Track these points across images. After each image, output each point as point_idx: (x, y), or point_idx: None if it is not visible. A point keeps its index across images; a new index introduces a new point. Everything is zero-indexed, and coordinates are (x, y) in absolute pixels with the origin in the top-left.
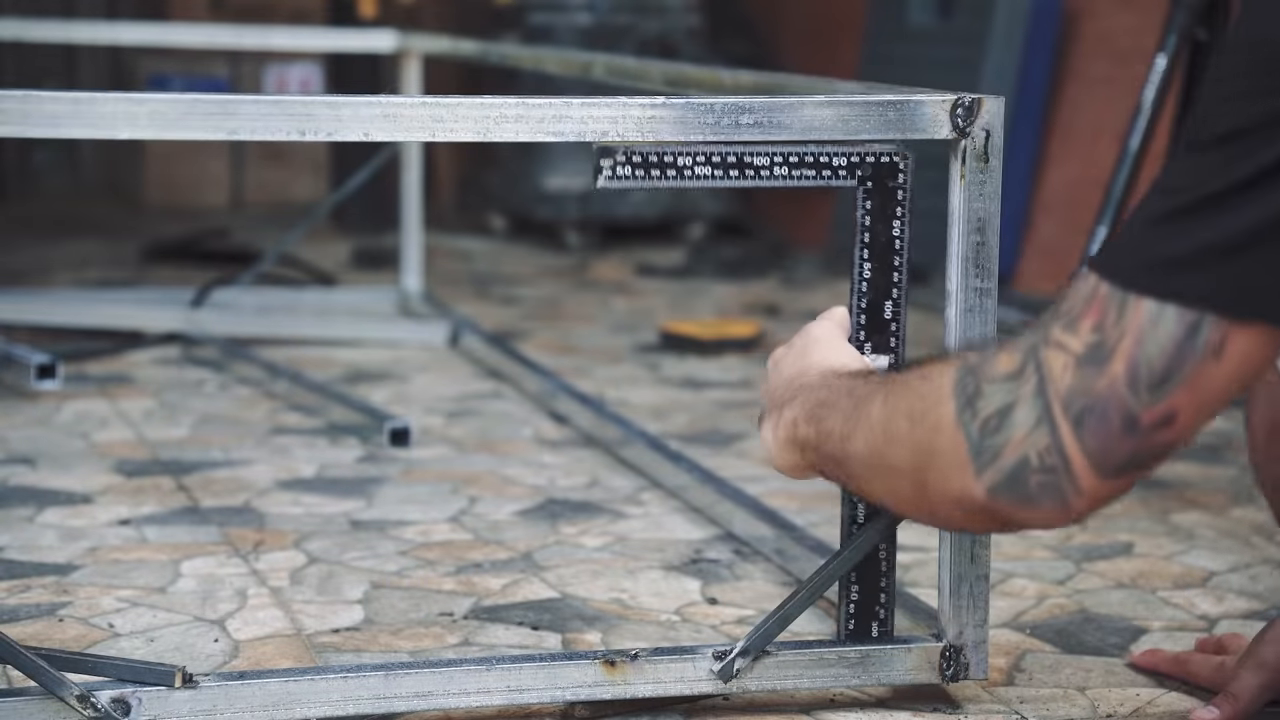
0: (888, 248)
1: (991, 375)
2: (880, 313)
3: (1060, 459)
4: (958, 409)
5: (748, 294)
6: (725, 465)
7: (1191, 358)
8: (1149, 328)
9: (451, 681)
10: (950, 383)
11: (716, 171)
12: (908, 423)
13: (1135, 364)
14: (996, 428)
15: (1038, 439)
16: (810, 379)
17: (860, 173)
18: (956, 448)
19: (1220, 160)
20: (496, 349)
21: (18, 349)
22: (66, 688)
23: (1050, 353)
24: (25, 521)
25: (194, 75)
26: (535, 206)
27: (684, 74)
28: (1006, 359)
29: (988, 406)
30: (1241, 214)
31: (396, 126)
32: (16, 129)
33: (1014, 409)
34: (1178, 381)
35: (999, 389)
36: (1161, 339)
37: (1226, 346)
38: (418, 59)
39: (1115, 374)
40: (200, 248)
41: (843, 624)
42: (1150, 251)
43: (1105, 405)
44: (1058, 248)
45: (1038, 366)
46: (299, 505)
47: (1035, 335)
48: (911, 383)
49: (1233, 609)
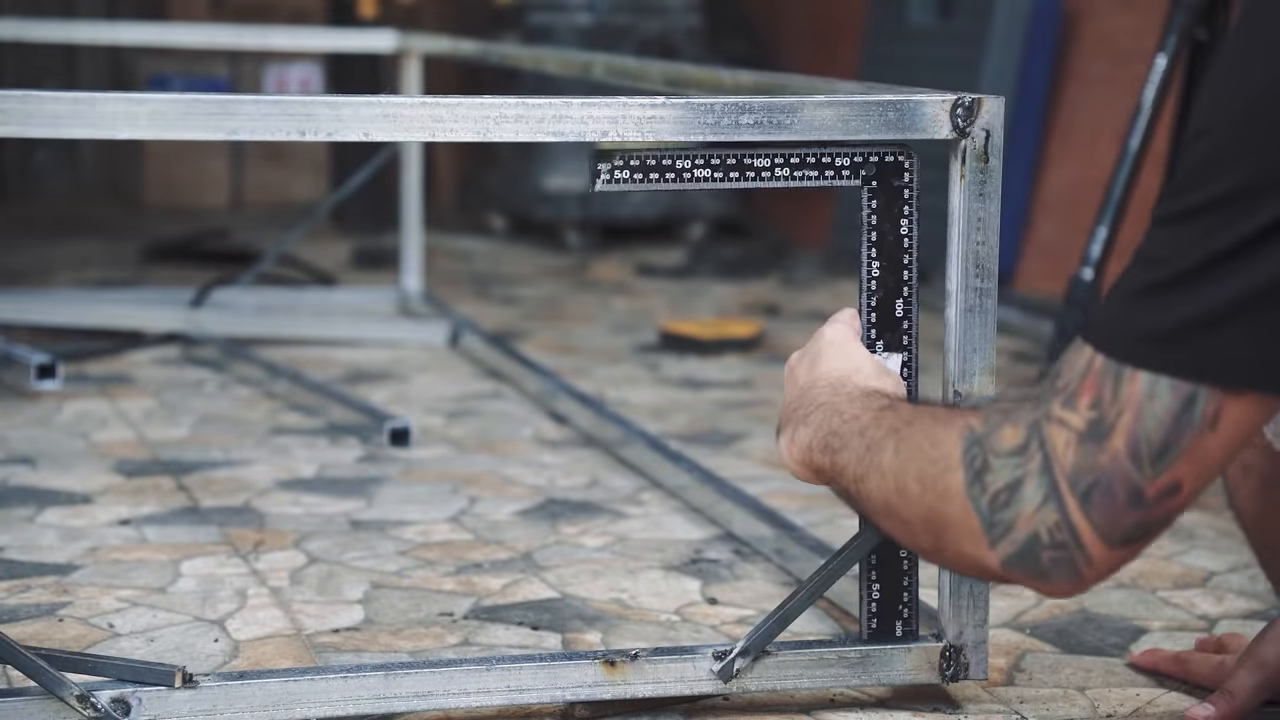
0: (896, 246)
1: (997, 449)
2: (891, 311)
3: (1070, 534)
4: (966, 481)
5: (748, 294)
6: (725, 465)
7: (1189, 430)
8: (1145, 402)
9: (451, 681)
10: (958, 452)
11: (716, 174)
12: (919, 486)
13: (1135, 439)
14: (1006, 503)
15: (1046, 515)
16: (821, 396)
17: (864, 173)
18: (968, 519)
19: (1201, 230)
20: (496, 349)
21: (18, 349)
22: (66, 688)
23: (1053, 429)
24: (25, 521)
25: (194, 75)
26: (535, 206)
27: (684, 74)
28: (1011, 432)
29: (996, 481)
30: (1225, 285)
31: (396, 126)
32: (16, 129)
33: (1022, 485)
34: (1178, 453)
35: (1006, 464)
36: (1159, 413)
37: (1222, 417)
38: (418, 59)
39: (1116, 449)
40: (200, 248)
41: (864, 623)
42: (1140, 324)
43: (1110, 480)
44: (1058, 248)
45: (1041, 443)
46: (299, 505)
47: (1037, 410)
48: (920, 442)
49: (1233, 609)
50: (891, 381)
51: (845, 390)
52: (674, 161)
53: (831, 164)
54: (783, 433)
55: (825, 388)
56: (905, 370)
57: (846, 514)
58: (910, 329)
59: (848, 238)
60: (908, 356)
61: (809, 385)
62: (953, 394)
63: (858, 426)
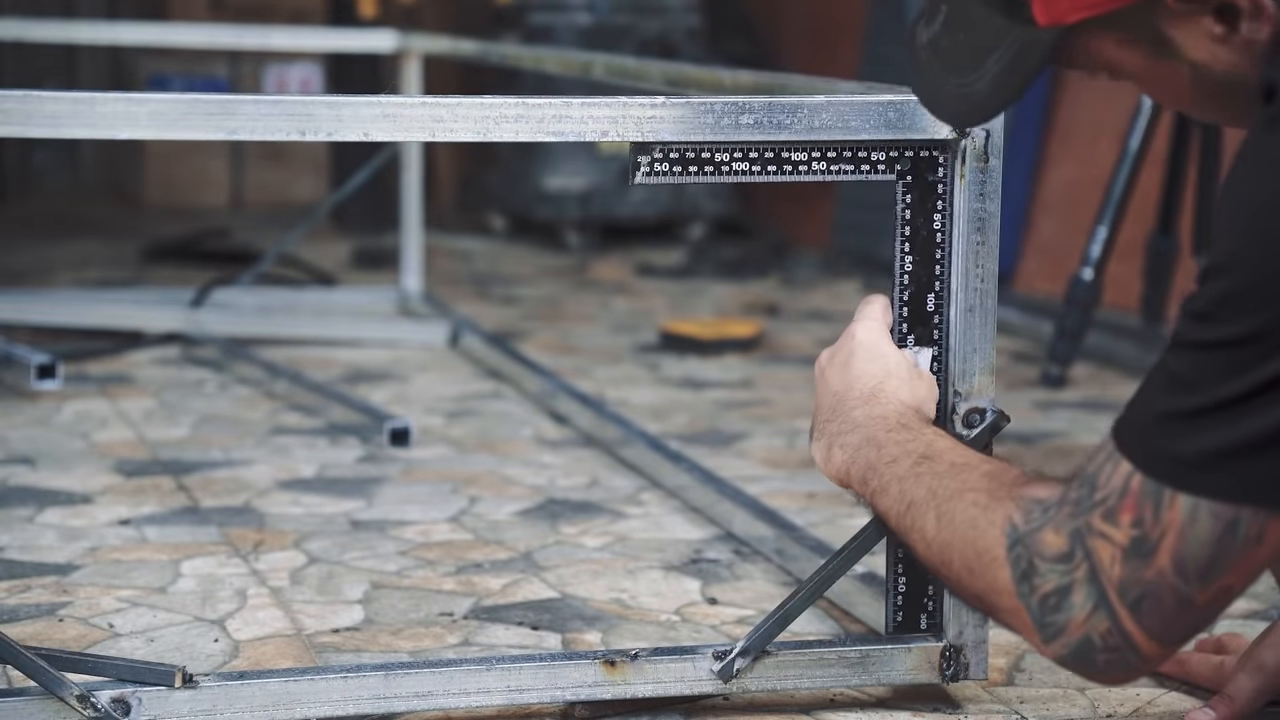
0: (929, 241)
1: (1042, 553)
2: (923, 305)
3: (1123, 639)
4: (1015, 579)
5: (748, 294)
6: (725, 465)
7: (1234, 548)
8: (1188, 524)
9: (451, 681)
10: (1002, 550)
11: (754, 167)
12: (965, 572)
13: (1181, 558)
14: (1056, 606)
15: (1098, 622)
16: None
17: (899, 167)
18: (1020, 614)
19: (1231, 364)
20: (496, 349)
21: (18, 349)
22: (66, 688)
23: (1096, 542)
24: (25, 521)
25: (194, 75)
26: (535, 206)
27: (684, 74)
28: (1054, 538)
29: (1044, 584)
30: (1261, 417)
31: (396, 126)
32: (16, 129)
33: (1071, 591)
34: (1224, 567)
35: (1053, 569)
36: (1202, 535)
37: (1267, 534)
38: (418, 59)
39: (1163, 566)
40: (200, 248)
41: (890, 616)
42: (1178, 449)
43: (1159, 592)
44: (1058, 248)
45: (1087, 554)
46: (299, 505)
47: (1077, 518)
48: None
49: (1233, 609)
50: (924, 385)
51: (879, 411)
52: (713, 154)
53: (867, 158)
54: (816, 441)
55: (859, 400)
56: (935, 364)
57: (847, 514)
58: (941, 323)
59: (848, 238)
60: (938, 350)
61: (843, 393)
62: (953, 394)
63: (895, 473)
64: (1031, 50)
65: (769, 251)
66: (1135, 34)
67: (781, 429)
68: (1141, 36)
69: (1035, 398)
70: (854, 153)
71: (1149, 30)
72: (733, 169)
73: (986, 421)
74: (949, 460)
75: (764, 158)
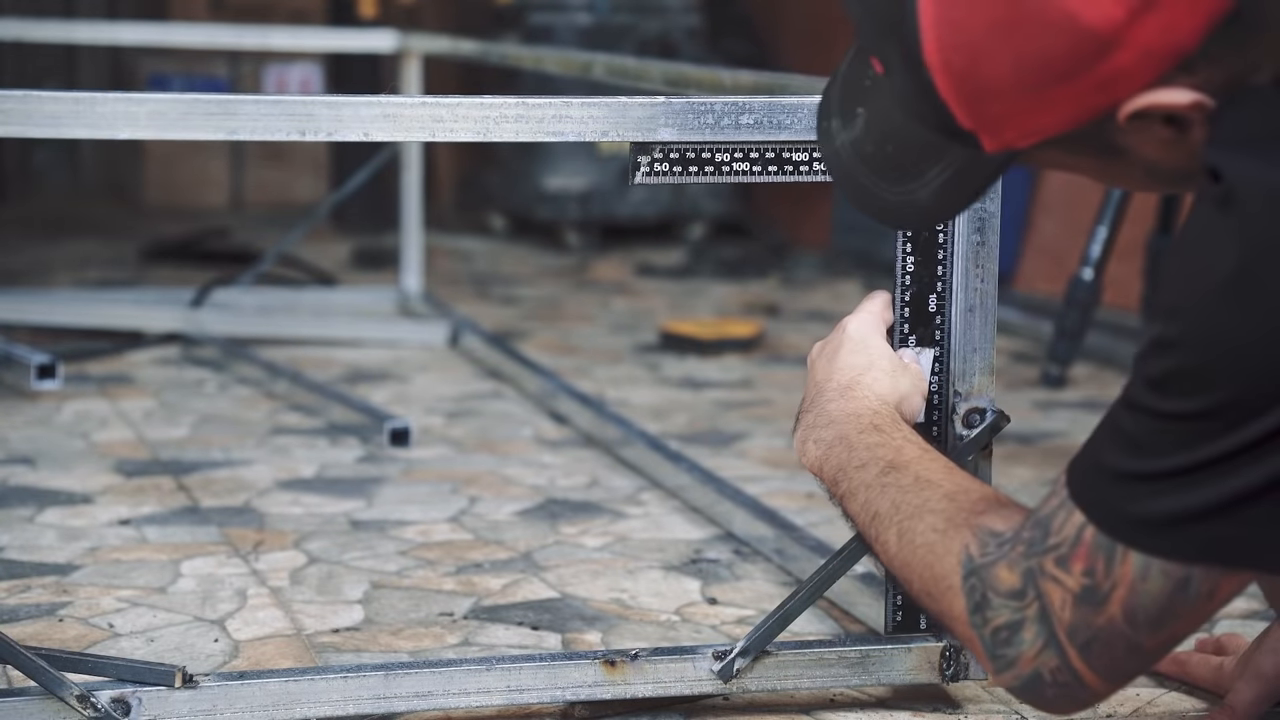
0: (930, 241)
1: (996, 588)
2: (924, 306)
3: (1072, 676)
4: (968, 610)
5: (748, 294)
6: (725, 465)
7: (1185, 603)
8: (1139, 580)
9: (451, 681)
10: (958, 580)
11: (755, 167)
12: (924, 594)
13: (1132, 610)
14: (1007, 640)
15: (1047, 659)
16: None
17: None
18: (974, 642)
19: (1182, 437)
20: (496, 349)
21: (18, 349)
22: (66, 688)
23: (1048, 584)
24: (25, 521)
25: (194, 75)
26: (535, 206)
27: (684, 74)
28: (1007, 575)
29: (997, 618)
30: (1213, 488)
31: (396, 126)
32: (16, 129)
33: (1022, 628)
34: (1174, 619)
35: (1005, 604)
36: (1154, 591)
37: (1218, 591)
38: (418, 59)
39: (1113, 615)
40: (200, 248)
41: (889, 616)
42: (1132, 509)
43: (1109, 638)
44: (1058, 248)
45: (1039, 595)
46: (299, 505)
47: (1030, 559)
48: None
49: (1232, 609)
50: (908, 380)
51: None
52: (713, 154)
53: None
54: (796, 429)
55: (835, 393)
56: (937, 365)
57: None
58: (943, 324)
59: (848, 238)
60: (940, 351)
61: (823, 384)
62: (953, 394)
63: (863, 480)
64: (978, 168)
65: (769, 251)
66: (1088, 146)
67: (781, 429)
68: (1094, 147)
69: (1035, 398)
70: None
71: (1100, 142)
72: (733, 169)
73: (986, 421)
74: (914, 474)
75: (764, 158)
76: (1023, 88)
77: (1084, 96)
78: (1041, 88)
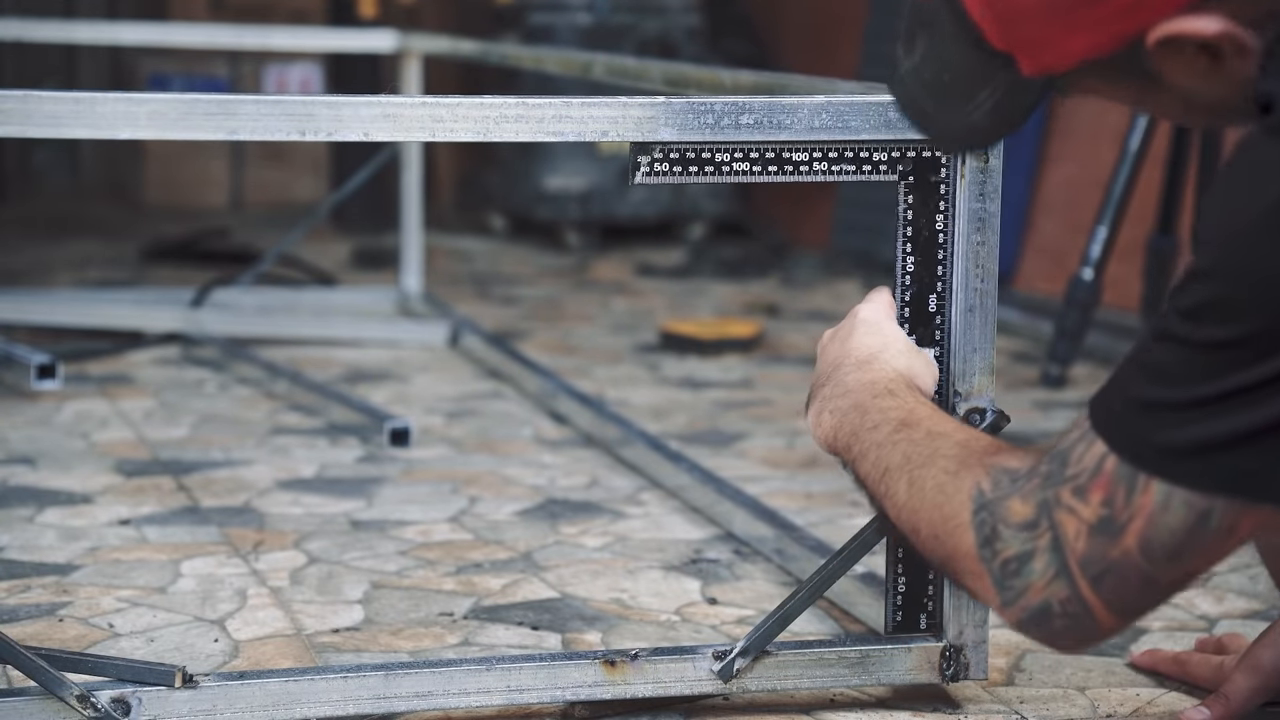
0: (931, 242)
1: (1007, 520)
2: (924, 306)
3: (1081, 607)
4: (977, 544)
5: (748, 294)
6: (725, 465)
7: (1204, 537)
8: (1159, 511)
9: (451, 681)
10: (967, 514)
11: (755, 167)
12: (931, 537)
13: (1148, 542)
14: (1016, 571)
15: (1057, 589)
16: (849, 379)
17: (901, 167)
18: (982, 577)
19: (1213, 365)
20: (496, 349)
21: (18, 349)
22: (66, 688)
23: (1062, 515)
24: (25, 521)
25: (194, 75)
26: (535, 206)
27: (684, 74)
28: (1020, 507)
29: (1006, 550)
30: (1243, 416)
31: (396, 126)
32: (16, 129)
33: (1032, 558)
34: (1191, 554)
35: (1015, 536)
36: (1173, 523)
37: (1239, 526)
38: (418, 59)
39: (1129, 547)
40: (200, 248)
41: (890, 616)
42: (1156, 438)
43: (1122, 570)
44: (1058, 248)
45: (1052, 525)
46: (299, 505)
47: (1046, 490)
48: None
49: (1233, 609)
50: (922, 360)
51: (870, 376)
52: (713, 154)
53: (869, 159)
54: (810, 406)
55: (853, 365)
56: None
57: (847, 514)
58: (943, 324)
59: (848, 238)
60: (939, 351)
61: (839, 359)
62: (953, 394)
63: (874, 439)
64: (1022, 92)
65: (769, 251)
66: (1125, 73)
67: (781, 429)
68: (1131, 74)
69: (1035, 398)
70: (856, 153)
71: (1137, 69)
72: (733, 169)
73: (986, 421)
74: (926, 428)
75: (764, 158)
76: (1049, 10)
77: (1109, 21)
78: (1067, 11)
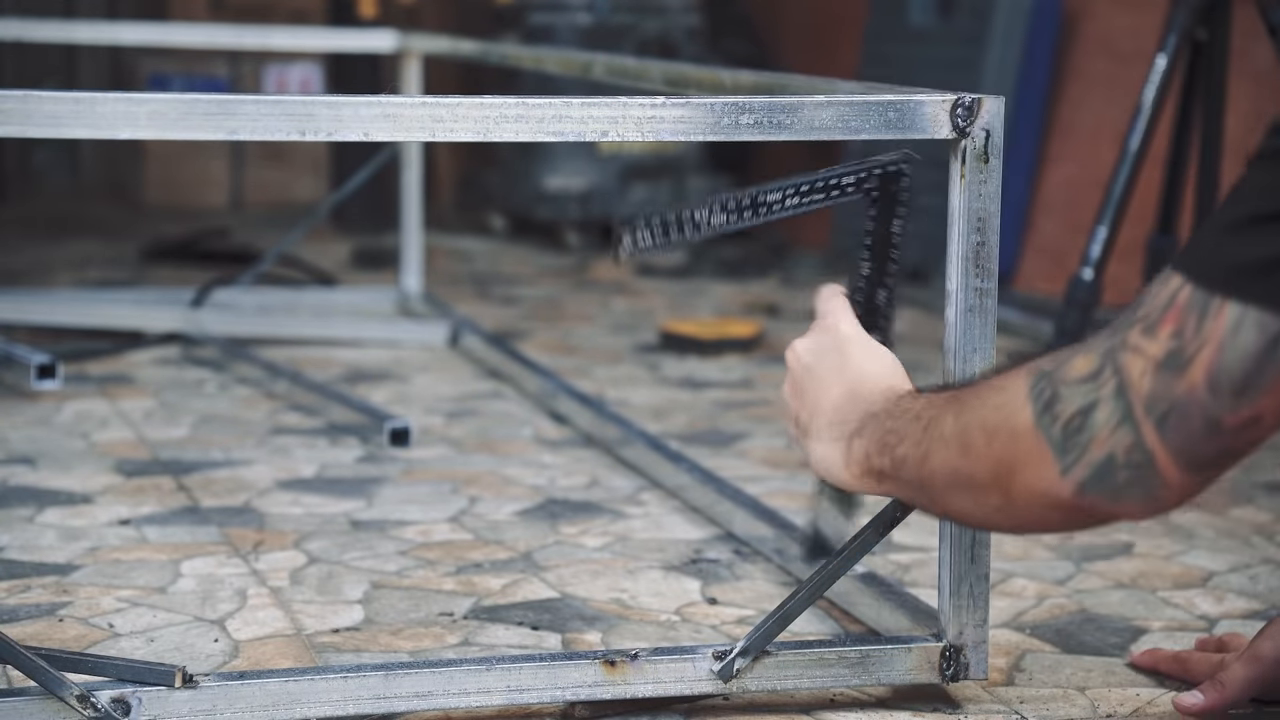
0: (885, 240)
1: (1068, 379)
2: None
3: (1145, 456)
4: (1036, 413)
5: (748, 294)
6: (725, 465)
7: (1273, 368)
8: (1230, 336)
9: (451, 681)
10: (1025, 389)
11: (732, 215)
12: (984, 436)
13: (1215, 372)
14: (1079, 428)
15: (1121, 438)
16: (874, 404)
17: (868, 186)
18: (1039, 450)
19: None
20: (496, 349)
21: (18, 349)
22: (66, 688)
23: (1128, 356)
24: (25, 521)
25: (194, 75)
26: (535, 206)
27: (684, 74)
28: (1083, 361)
29: (1068, 408)
30: None
31: (396, 126)
32: (16, 129)
33: (1095, 409)
34: (1261, 389)
35: (1077, 390)
36: (1242, 349)
37: None
38: (418, 59)
39: (1195, 381)
40: (200, 248)
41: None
42: (1234, 255)
43: (1187, 409)
44: (1058, 248)
45: (1116, 370)
46: (299, 505)
47: (1112, 338)
48: (983, 394)
49: (1233, 609)
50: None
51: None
52: (692, 214)
53: (837, 184)
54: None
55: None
56: None
57: None
58: (891, 316)
59: (847, 238)
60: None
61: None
62: None
63: (913, 413)
64: None
65: (769, 251)
66: None
67: (781, 429)
68: None
69: None
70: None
71: None
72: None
73: None
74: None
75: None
76: None
77: None
78: None
